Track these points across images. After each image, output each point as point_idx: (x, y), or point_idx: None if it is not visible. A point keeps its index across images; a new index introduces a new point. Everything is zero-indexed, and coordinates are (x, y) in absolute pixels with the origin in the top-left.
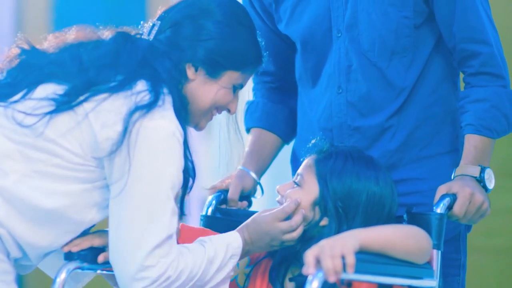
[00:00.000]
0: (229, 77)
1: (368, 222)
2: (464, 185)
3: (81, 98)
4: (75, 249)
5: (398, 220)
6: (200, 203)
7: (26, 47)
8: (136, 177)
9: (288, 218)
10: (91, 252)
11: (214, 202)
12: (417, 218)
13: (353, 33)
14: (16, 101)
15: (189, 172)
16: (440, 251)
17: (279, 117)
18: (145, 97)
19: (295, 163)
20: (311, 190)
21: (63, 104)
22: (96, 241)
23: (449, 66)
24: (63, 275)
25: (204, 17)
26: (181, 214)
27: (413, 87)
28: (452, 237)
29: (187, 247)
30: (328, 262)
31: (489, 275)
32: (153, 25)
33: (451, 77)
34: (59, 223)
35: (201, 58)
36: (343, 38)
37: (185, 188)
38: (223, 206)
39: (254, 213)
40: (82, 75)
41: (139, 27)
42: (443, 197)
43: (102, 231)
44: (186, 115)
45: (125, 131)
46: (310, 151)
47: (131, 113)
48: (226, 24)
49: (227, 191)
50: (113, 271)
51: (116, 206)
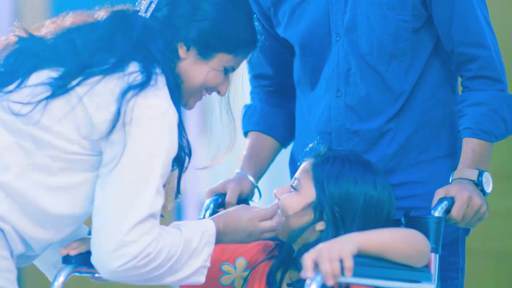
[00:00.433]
0: (220, 59)
1: (366, 226)
2: (462, 189)
3: (75, 82)
4: (73, 252)
5: (396, 223)
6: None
7: (23, 34)
8: (127, 154)
9: None
10: (89, 255)
11: (212, 205)
12: (415, 222)
13: (352, 37)
14: (11, 91)
15: (184, 151)
16: (438, 255)
17: (277, 121)
18: (137, 77)
19: (293, 166)
20: (308, 194)
21: (59, 88)
22: None
23: (447, 70)
24: (61, 279)
25: None
26: (177, 193)
27: (412, 90)
28: (451, 241)
29: (165, 228)
30: (326, 266)
31: (488, 278)
32: (151, 2)
33: (450, 81)
34: (60, 219)
35: (194, 38)
36: (342, 41)
37: (181, 167)
38: (221, 209)
39: None
40: (76, 58)
41: (137, 3)
42: (441, 200)
43: None
44: (180, 94)
45: (118, 111)
46: (308, 155)
47: (124, 93)
48: (222, 6)
49: (225, 194)
50: (91, 250)
51: (104, 182)
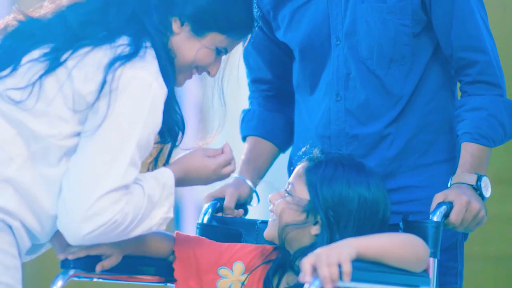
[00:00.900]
0: (213, 38)
1: (361, 228)
2: (460, 193)
3: (66, 55)
4: (71, 257)
5: (394, 228)
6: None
7: (21, 17)
8: (106, 123)
9: None
10: (87, 260)
11: (210, 210)
12: (414, 226)
13: (352, 41)
14: (5, 76)
15: (178, 126)
16: (436, 259)
17: (275, 126)
18: (125, 49)
19: (292, 171)
20: (302, 199)
21: (52, 62)
22: (93, 250)
23: (447, 74)
24: (59, 283)
25: None
26: (166, 163)
27: (411, 95)
28: (449, 245)
29: (129, 190)
30: (325, 270)
31: (486, 283)
32: None
33: (449, 85)
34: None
35: (189, 14)
36: (342, 45)
37: (174, 141)
38: (219, 214)
39: (250, 221)
40: (67, 32)
41: None
42: (439, 205)
43: None
44: (173, 68)
45: (104, 79)
46: (301, 159)
47: (111, 63)
48: None
49: (223, 199)
50: (59, 216)
51: (80, 148)
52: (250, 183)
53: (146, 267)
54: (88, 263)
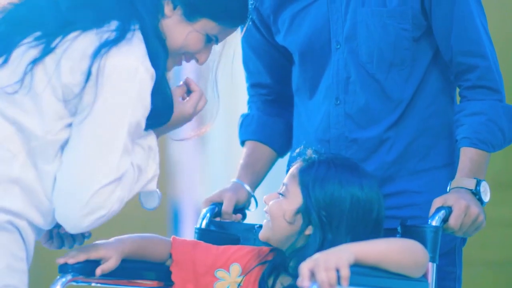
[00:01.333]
0: (204, 24)
1: (354, 228)
2: (459, 198)
3: (57, 41)
4: (71, 261)
5: (393, 233)
6: (195, 216)
7: (15, 0)
8: (93, 114)
9: None
10: (87, 264)
11: (208, 215)
12: (412, 231)
13: (352, 45)
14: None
15: (166, 105)
16: (435, 264)
17: (274, 130)
18: (111, 35)
19: None
20: (295, 200)
21: (44, 48)
22: (92, 254)
23: (446, 79)
24: None
25: None
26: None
27: (411, 99)
28: (448, 250)
29: (123, 174)
30: (323, 275)
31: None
32: None
33: (449, 90)
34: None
35: None
36: (342, 49)
37: (163, 122)
38: (217, 219)
39: (248, 225)
40: (58, 16)
41: None
42: (438, 209)
43: (98, 243)
44: (166, 50)
45: (90, 69)
46: (295, 160)
47: (97, 51)
48: None
49: (221, 204)
50: (57, 209)
51: (71, 141)
52: (248, 187)
53: (146, 272)
54: (86, 268)
